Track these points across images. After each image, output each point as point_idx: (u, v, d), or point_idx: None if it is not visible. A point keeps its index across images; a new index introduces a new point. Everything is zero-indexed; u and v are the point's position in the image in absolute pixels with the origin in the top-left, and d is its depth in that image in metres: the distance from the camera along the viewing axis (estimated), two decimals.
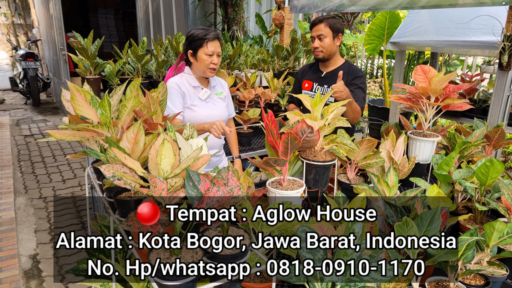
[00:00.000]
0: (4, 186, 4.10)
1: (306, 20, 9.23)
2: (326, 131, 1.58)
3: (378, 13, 4.55)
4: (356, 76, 2.40)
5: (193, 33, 2.07)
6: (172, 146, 0.97)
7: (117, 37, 10.81)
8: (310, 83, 2.54)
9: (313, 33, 2.40)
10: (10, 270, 2.75)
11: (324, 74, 2.48)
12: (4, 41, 10.30)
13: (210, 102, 2.22)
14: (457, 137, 1.97)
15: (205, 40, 2.04)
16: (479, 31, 2.47)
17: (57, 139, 1.07)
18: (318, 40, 2.38)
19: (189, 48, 2.09)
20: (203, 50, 2.06)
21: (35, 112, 7.82)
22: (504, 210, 1.49)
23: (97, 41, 2.99)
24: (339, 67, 2.45)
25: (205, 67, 2.09)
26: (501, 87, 2.17)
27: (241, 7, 6.27)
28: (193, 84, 2.16)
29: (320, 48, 2.39)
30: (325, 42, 2.37)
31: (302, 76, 2.64)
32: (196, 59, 2.09)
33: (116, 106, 1.26)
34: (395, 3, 2.49)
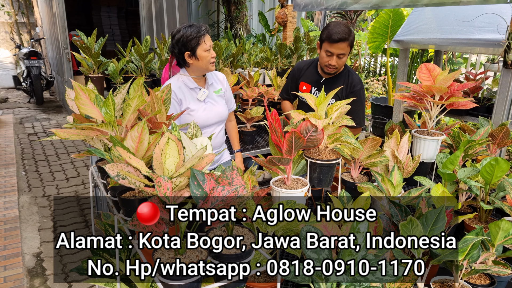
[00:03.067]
0: (8, 184, 4.11)
1: (309, 18, 9.20)
2: (331, 130, 1.58)
3: (381, 11, 4.53)
4: (354, 89, 2.35)
5: (184, 33, 1.96)
6: (177, 145, 0.96)
7: (120, 35, 10.82)
8: (309, 86, 2.48)
9: (334, 50, 2.20)
10: (14, 268, 2.76)
11: (324, 80, 2.42)
12: (7, 39, 10.33)
13: (209, 102, 2.15)
14: (461, 135, 1.96)
15: (201, 36, 1.96)
16: (483, 29, 2.45)
17: (62, 138, 1.07)
18: (337, 58, 2.23)
19: (185, 49, 1.98)
20: (201, 47, 1.98)
21: (39, 110, 7.84)
22: (509, 209, 1.48)
23: (101, 40, 2.99)
24: (339, 74, 2.39)
25: (207, 63, 2.03)
26: (505, 85, 2.16)
27: (244, 5, 6.26)
28: (190, 86, 2.09)
29: (336, 66, 2.27)
30: (342, 61, 2.25)
31: (300, 75, 2.54)
32: (196, 59, 2.00)
33: (120, 105, 1.26)
34: (398, 1, 2.48)
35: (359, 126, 2.42)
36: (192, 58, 2.00)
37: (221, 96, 2.24)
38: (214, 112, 2.16)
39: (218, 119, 2.19)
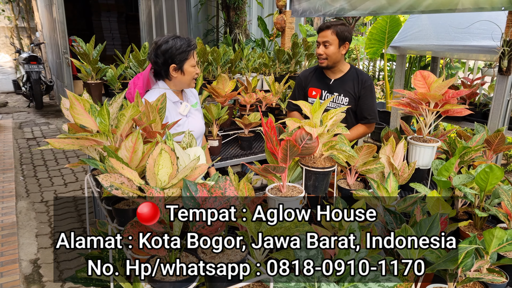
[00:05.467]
0: (6, 190, 4.11)
1: (308, 23, 9.23)
2: (326, 138, 1.59)
3: (379, 17, 4.55)
4: (366, 85, 2.37)
5: (174, 45, 1.87)
6: (170, 156, 0.97)
7: (120, 40, 10.87)
8: (318, 90, 2.50)
9: (319, 39, 2.32)
10: (11, 275, 2.75)
11: (333, 82, 2.45)
12: (7, 44, 10.37)
13: (190, 116, 2.09)
14: (457, 142, 1.97)
15: (191, 51, 1.90)
16: (479, 35, 2.47)
17: (56, 147, 1.08)
18: (323, 46, 2.32)
19: (172, 62, 1.89)
20: (189, 62, 1.91)
21: (38, 115, 7.86)
22: (504, 216, 1.49)
23: (99, 46, 3.00)
24: (346, 73, 2.43)
25: (191, 79, 1.96)
26: (501, 91, 2.17)
27: (243, 11, 6.30)
28: (172, 99, 2.00)
29: (324, 55, 2.33)
30: (330, 49, 2.30)
31: (306, 83, 2.58)
32: (182, 73, 1.93)
33: (115, 114, 1.27)
34: (395, 8, 2.50)
35: (374, 121, 2.43)
36: (178, 72, 1.93)
37: (198, 110, 2.20)
38: (196, 126, 2.11)
39: (200, 133, 2.16)
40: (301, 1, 3.61)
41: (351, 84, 2.38)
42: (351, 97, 2.38)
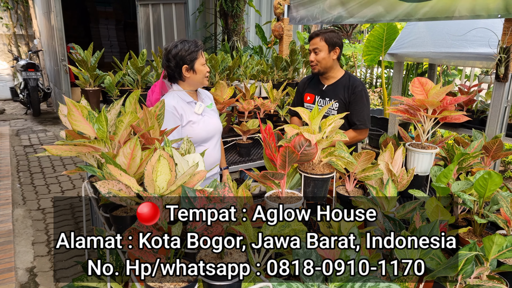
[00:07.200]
0: (2, 197, 4.08)
1: (306, 30, 9.30)
2: (324, 144, 1.58)
3: (376, 25, 4.59)
4: (356, 90, 2.39)
5: (182, 47, 2.02)
6: (168, 162, 0.96)
7: (118, 47, 10.90)
8: (312, 96, 2.57)
9: (310, 46, 2.42)
10: (6, 284, 2.72)
11: (326, 87, 2.50)
12: (5, 51, 10.38)
13: (206, 115, 2.19)
14: (455, 148, 1.97)
15: (199, 51, 2.03)
16: (475, 43, 2.49)
17: (53, 154, 1.07)
18: (313, 53, 2.41)
19: (183, 63, 2.03)
20: (199, 61, 2.04)
21: (35, 122, 7.84)
22: (503, 223, 1.48)
23: (97, 53, 3.00)
24: (339, 79, 2.47)
25: (203, 76, 2.09)
26: (498, 98, 2.18)
27: (241, 18, 6.33)
28: (186, 100, 2.11)
29: (315, 62, 2.41)
30: (320, 56, 2.39)
31: (303, 89, 2.65)
32: (194, 72, 2.06)
33: (113, 120, 1.26)
34: (392, 15, 2.51)
35: (364, 127, 2.42)
36: (190, 71, 2.06)
37: (214, 110, 2.29)
38: (212, 125, 2.20)
39: (217, 131, 2.24)
40: (298, 8, 3.63)
41: (342, 90, 2.43)
42: (341, 103, 2.42)
